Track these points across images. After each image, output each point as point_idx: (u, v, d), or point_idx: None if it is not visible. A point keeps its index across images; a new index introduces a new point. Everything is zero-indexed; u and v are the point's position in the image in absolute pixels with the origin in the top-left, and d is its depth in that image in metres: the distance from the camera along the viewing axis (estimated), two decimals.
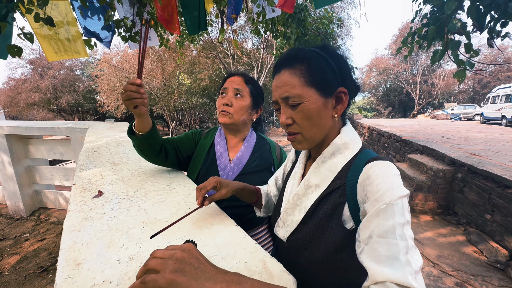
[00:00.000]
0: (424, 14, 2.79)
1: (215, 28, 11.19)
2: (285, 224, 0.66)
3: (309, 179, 0.62)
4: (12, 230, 3.00)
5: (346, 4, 14.33)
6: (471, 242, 2.90)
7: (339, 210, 0.56)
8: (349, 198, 0.54)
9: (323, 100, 0.57)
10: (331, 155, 0.61)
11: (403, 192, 0.47)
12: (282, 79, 0.58)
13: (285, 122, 0.59)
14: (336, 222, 0.56)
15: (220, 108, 1.04)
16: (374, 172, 0.50)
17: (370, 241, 0.45)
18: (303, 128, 0.58)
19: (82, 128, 2.89)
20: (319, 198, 0.60)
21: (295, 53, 0.59)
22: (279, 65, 0.60)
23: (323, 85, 0.57)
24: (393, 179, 0.49)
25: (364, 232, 0.47)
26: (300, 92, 0.56)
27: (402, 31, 23.04)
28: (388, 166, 0.51)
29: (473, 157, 3.70)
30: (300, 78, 0.56)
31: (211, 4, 2.97)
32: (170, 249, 0.41)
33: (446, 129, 8.29)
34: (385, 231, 0.43)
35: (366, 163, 0.54)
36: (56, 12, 2.37)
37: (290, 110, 0.58)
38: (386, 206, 0.45)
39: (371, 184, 0.49)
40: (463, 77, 2.01)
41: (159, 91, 14.51)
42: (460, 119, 16.65)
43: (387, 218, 0.44)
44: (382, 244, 0.43)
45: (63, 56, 2.57)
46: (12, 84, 19.49)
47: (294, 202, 0.64)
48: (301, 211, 0.62)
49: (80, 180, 1.01)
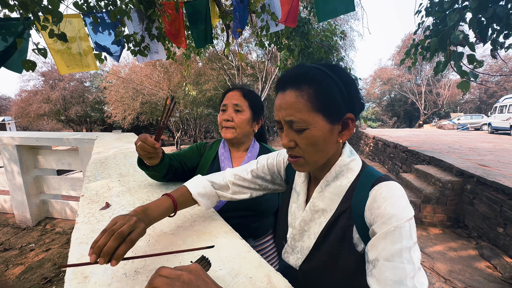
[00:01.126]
0: (427, 26, 2.83)
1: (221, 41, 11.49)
2: (295, 251, 0.64)
3: (315, 203, 0.61)
4: (18, 240, 3.02)
5: (349, 17, 14.62)
6: (483, 257, 2.79)
7: (349, 234, 0.55)
8: (356, 220, 0.54)
9: (329, 126, 0.54)
10: (334, 178, 0.59)
11: (409, 214, 0.47)
12: (287, 101, 0.54)
13: (288, 145, 0.57)
14: (348, 246, 0.55)
15: (221, 124, 1.07)
16: (381, 195, 0.50)
17: (377, 264, 0.45)
18: (306, 153, 0.56)
19: (90, 139, 2.95)
20: (328, 223, 0.58)
21: (304, 72, 0.54)
22: (284, 83, 0.55)
23: (331, 111, 0.53)
24: (400, 201, 0.49)
25: (371, 253, 0.47)
26: (306, 118, 0.52)
27: (405, 42, 23.26)
28: (394, 187, 0.51)
29: (482, 168, 3.62)
30: (307, 103, 0.52)
31: (217, 19, 3.07)
32: (178, 269, 0.41)
33: (453, 139, 8.18)
34: (392, 255, 0.44)
35: (372, 185, 0.53)
36: (70, 28, 2.48)
37: (293, 133, 0.55)
38: (394, 229, 0.45)
39: (379, 207, 0.49)
40: (467, 88, 2.00)
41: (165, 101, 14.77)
42: (467, 129, 16.43)
43: (395, 242, 0.44)
44: (389, 268, 0.43)
45: (74, 69, 2.67)
46: (24, 95, 20.13)
47: (301, 228, 0.62)
48: (310, 237, 0.61)
49: (88, 192, 1.02)
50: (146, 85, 14.43)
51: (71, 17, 2.46)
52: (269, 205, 1.05)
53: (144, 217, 0.58)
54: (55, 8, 1.81)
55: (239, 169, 0.81)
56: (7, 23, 2.06)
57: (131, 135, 3.08)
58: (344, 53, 14.02)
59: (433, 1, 2.59)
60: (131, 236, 0.50)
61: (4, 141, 3.22)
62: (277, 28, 2.85)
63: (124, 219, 0.53)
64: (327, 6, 2.44)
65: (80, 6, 2.37)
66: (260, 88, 15.16)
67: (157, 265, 0.57)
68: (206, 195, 0.75)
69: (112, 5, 2.65)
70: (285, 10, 2.61)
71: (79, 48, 2.62)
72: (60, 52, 2.58)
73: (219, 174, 0.81)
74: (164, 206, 0.65)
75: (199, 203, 0.74)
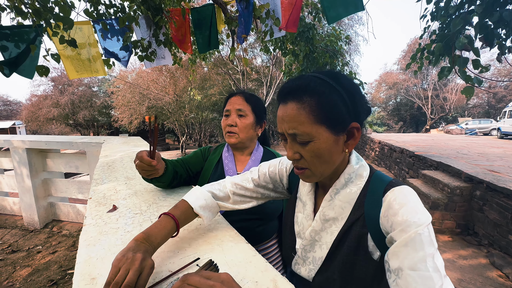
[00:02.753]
0: (433, 30, 2.82)
1: (226, 46, 11.62)
2: (306, 262, 0.62)
3: (325, 212, 0.59)
4: (26, 242, 3.06)
5: (354, 21, 14.67)
6: (495, 266, 2.71)
7: (364, 242, 0.54)
8: (371, 228, 0.53)
9: (334, 137, 0.53)
10: (343, 186, 0.58)
11: (428, 219, 0.46)
12: (289, 113, 0.52)
13: (293, 157, 0.56)
14: (364, 254, 0.54)
15: (225, 129, 1.07)
16: (396, 201, 0.50)
17: (402, 274, 0.44)
18: (312, 165, 0.55)
19: (97, 142, 2.99)
20: (341, 232, 0.57)
21: (305, 83, 0.52)
22: (286, 95, 0.54)
23: (334, 122, 0.52)
24: (416, 206, 0.48)
25: (393, 262, 0.46)
26: (309, 131, 0.51)
27: (411, 47, 23.15)
28: (408, 192, 0.51)
29: (491, 174, 3.54)
30: (309, 115, 0.51)
31: (223, 24, 3.12)
32: (205, 276, 0.38)
33: (461, 144, 8.04)
34: (415, 263, 0.43)
35: (384, 191, 0.53)
36: (80, 34, 2.55)
37: (297, 145, 0.54)
38: (414, 236, 0.44)
39: (395, 214, 0.48)
40: (471, 93, 1.98)
41: (170, 106, 14.94)
42: (476, 134, 16.13)
43: (417, 250, 0.44)
44: (415, 278, 0.42)
45: (83, 75, 2.74)
46: (34, 100, 20.64)
47: (312, 238, 0.61)
48: (322, 247, 0.59)
49: (95, 194, 1.04)
50: (152, 90, 14.64)
51: (81, 24, 2.53)
52: (274, 209, 1.05)
53: (148, 246, 0.54)
54: (66, 15, 1.86)
55: (239, 178, 0.79)
56: (19, 30, 2.13)
57: (138, 139, 3.12)
58: (349, 57, 14.03)
59: (439, 6, 2.59)
60: (140, 283, 0.46)
61: (14, 144, 3.29)
62: (280, 33, 2.87)
63: (127, 262, 0.47)
64: (335, 7, 2.41)
65: (90, 13, 2.44)
66: (265, 92, 15.24)
67: (164, 267, 0.58)
68: (207, 207, 0.71)
69: (121, 12, 2.72)
70: (285, 16, 2.64)
71: (88, 54, 2.69)
72: (70, 58, 2.65)
73: (218, 184, 0.78)
74: (167, 229, 0.61)
75: (202, 217, 0.70)
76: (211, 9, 2.82)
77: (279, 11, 2.66)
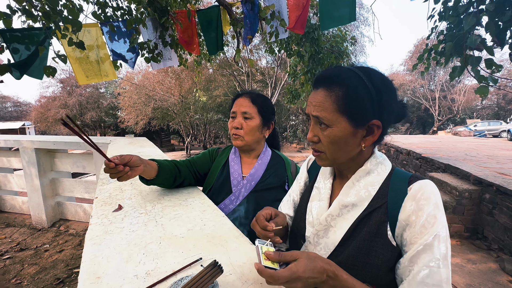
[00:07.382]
0: (440, 30, 2.78)
1: (231, 47, 11.67)
2: (317, 248, 0.62)
3: (344, 198, 0.61)
4: (34, 241, 3.11)
5: (359, 22, 14.57)
6: (505, 271, 2.64)
7: (383, 229, 0.55)
8: (391, 217, 0.55)
9: (352, 129, 0.56)
10: (366, 174, 0.60)
11: (445, 219, 0.51)
12: (317, 98, 0.57)
13: (311, 139, 0.60)
14: (382, 241, 0.55)
15: (231, 131, 1.07)
16: (423, 196, 0.52)
17: (415, 267, 0.49)
18: (327, 150, 0.59)
19: (104, 143, 3.03)
20: (359, 217, 0.58)
21: (336, 74, 0.57)
22: (318, 81, 0.59)
23: (356, 115, 0.55)
24: (439, 202, 0.52)
25: (409, 254, 0.50)
26: (330, 117, 0.55)
27: (417, 47, 22.85)
28: (433, 187, 0.54)
29: (501, 177, 3.46)
30: (334, 104, 0.55)
31: (228, 26, 3.13)
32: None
33: (470, 147, 7.88)
34: (430, 261, 0.47)
35: (409, 182, 0.55)
36: (88, 37, 2.59)
37: (318, 128, 0.59)
38: (434, 238, 0.48)
39: (420, 209, 0.51)
40: (486, 93, 1.93)
41: (176, 107, 15.08)
42: (485, 136, 15.79)
43: (433, 252, 0.48)
44: (426, 273, 0.47)
45: (93, 80, 2.77)
46: (43, 101, 21.07)
47: (327, 223, 0.62)
48: (336, 232, 0.60)
49: (101, 194, 1.05)
50: (158, 91, 14.80)
51: (89, 26, 2.57)
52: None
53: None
54: (75, 18, 1.89)
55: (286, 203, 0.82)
56: (30, 32, 2.17)
57: (144, 140, 3.15)
58: (355, 58, 13.92)
59: (447, 6, 2.54)
60: None
61: (24, 145, 3.36)
62: (286, 34, 2.87)
63: None
64: (330, 16, 2.53)
65: (98, 15, 2.48)
66: (270, 93, 15.24)
67: (168, 267, 0.57)
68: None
69: (128, 14, 2.76)
70: (293, 17, 2.63)
71: (97, 56, 2.73)
72: (78, 61, 2.69)
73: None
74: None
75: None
76: (216, 11, 2.83)
77: (285, 12, 2.66)
